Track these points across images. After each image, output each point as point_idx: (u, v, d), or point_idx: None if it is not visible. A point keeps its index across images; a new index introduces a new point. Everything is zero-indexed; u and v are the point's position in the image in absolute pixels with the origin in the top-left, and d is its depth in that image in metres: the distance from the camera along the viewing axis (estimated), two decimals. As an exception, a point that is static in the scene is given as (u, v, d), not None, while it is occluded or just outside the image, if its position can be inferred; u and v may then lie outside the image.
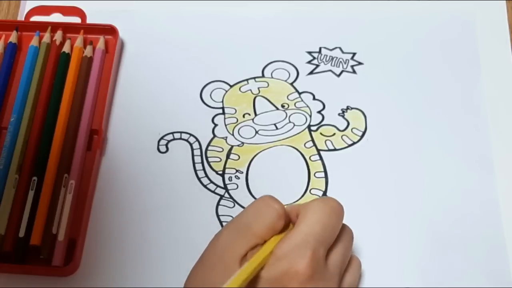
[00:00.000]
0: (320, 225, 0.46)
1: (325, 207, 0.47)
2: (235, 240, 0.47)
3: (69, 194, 0.58)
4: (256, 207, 0.48)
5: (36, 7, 0.68)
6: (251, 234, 0.46)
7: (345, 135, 0.62)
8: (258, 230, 0.46)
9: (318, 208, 0.47)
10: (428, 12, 0.67)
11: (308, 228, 0.46)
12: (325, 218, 0.47)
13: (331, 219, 0.47)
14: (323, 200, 0.48)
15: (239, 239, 0.46)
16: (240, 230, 0.47)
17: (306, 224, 0.46)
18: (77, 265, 0.57)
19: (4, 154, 0.59)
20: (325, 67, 0.65)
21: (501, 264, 0.56)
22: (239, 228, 0.47)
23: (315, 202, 0.48)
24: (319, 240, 0.46)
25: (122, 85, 0.65)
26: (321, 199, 0.48)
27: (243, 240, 0.46)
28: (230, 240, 0.47)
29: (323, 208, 0.47)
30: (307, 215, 0.47)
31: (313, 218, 0.46)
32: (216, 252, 0.47)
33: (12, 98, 0.63)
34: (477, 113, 0.62)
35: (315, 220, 0.46)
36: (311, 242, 0.45)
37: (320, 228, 0.46)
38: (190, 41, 0.66)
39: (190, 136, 0.62)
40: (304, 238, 0.45)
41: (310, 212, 0.47)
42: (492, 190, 0.59)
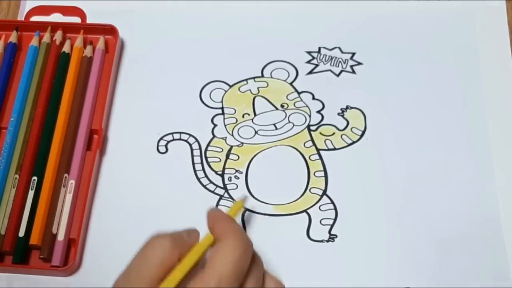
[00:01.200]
0: (233, 264, 0.44)
1: (238, 248, 0.45)
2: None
3: (69, 194, 0.59)
4: (142, 251, 0.45)
5: (36, 7, 0.68)
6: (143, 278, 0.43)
7: (344, 135, 0.62)
8: (150, 273, 0.43)
9: (230, 249, 0.45)
10: (427, 12, 0.67)
11: (221, 268, 0.44)
12: (236, 257, 0.45)
13: (243, 257, 0.45)
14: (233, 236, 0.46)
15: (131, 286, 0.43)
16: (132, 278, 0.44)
17: (219, 264, 0.44)
18: (77, 265, 0.57)
19: (4, 154, 0.59)
20: (324, 67, 0.65)
21: (501, 264, 0.56)
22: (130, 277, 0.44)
23: (228, 241, 0.45)
24: (233, 279, 0.44)
25: (122, 85, 0.65)
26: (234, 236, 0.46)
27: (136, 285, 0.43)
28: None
29: (235, 250, 0.45)
30: (220, 255, 0.45)
31: (226, 263, 0.44)
32: None
33: (12, 98, 0.63)
34: (477, 113, 0.62)
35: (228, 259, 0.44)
36: (223, 284, 0.44)
37: (233, 266, 0.44)
38: (189, 41, 0.66)
39: (190, 136, 0.62)
40: (218, 281, 0.43)
41: (224, 252, 0.45)
42: (492, 190, 0.59)
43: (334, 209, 0.59)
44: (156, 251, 0.44)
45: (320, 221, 0.58)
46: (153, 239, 0.45)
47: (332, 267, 0.56)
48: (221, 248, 0.45)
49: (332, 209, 0.59)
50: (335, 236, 0.58)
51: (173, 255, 0.44)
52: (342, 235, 0.58)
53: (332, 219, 0.58)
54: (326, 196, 0.59)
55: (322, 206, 0.59)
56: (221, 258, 0.44)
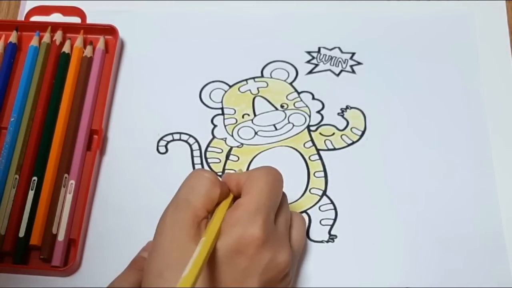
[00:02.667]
0: (268, 193, 0.49)
1: (269, 176, 0.50)
2: (179, 218, 0.48)
3: (69, 194, 0.59)
4: (188, 181, 0.50)
5: (36, 7, 0.68)
6: (192, 208, 0.48)
7: (344, 135, 0.62)
8: (197, 202, 0.48)
9: (264, 177, 0.49)
10: (427, 12, 0.67)
11: (258, 195, 0.48)
12: (270, 186, 0.49)
13: (275, 187, 0.50)
14: (266, 170, 0.50)
15: (183, 216, 0.48)
16: (180, 207, 0.48)
17: (255, 192, 0.48)
18: (77, 265, 0.57)
19: (4, 154, 0.59)
20: (324, 66, 0.65)
21: (501, 264, 0.56)
22: (178, 206, 0.48)
23: (259, 172, 0.50)
24: (269, 206, 0.48)
25: (122, 85, 0.65)
26: (263, 169, 0.50)
27: (187, 216, 0.48)
28: (175, 220, 0.48)
29: (267, 177, 0.49)
30: (254, 183, 0.49)
31: (261, 186, 0.49)
32: (167, 236, 0.47)
33: (12, 98, 0.63)
34: (477, 113, 0.62)
35: (264, 187, 0.49)
36: (261, 208, 0.47)
37: (268, 195, 0.49)
38: (189, 41, 0.66)
39: (190, 137, 0.62)
40: (255, 205, 0.47)
41: (256, 181, 0.49)
42: (492, 190, 0.59)
43: (334, 209, 0.59)
44: (202, 183, 0.49)
45: (320, 222, 0.58)
46: (198, 173, 0.50)
47: (332, 268, 0.56)
48: (255, 177, 0.49)
49: (332, 210, 0.59)
50: (335, 237, 0.58)
51: (215, 188, 0.49)
52: (342, 236, 0.58)
53: (332, 220, 0.58)
54: (326, 196, 0.59)
55: (322, 207, 0.59)
56: (257, 185, 0.49)
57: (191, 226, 0.47)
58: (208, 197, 0.49)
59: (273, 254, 0.47)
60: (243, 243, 0.46)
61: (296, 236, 0.52)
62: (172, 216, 0.48)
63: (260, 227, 0.47)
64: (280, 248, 0.48)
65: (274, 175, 0.50)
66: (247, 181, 0.50)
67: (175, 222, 0.48)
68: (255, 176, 0.50)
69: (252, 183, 0.49)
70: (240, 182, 0.50)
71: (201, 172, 0.50)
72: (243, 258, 0.46)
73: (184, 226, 0.47)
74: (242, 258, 0.46)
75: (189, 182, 0.50)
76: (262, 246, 0.47)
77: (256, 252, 0.46)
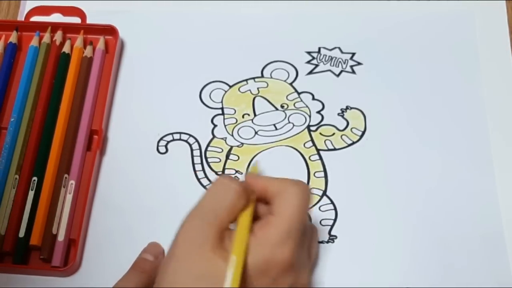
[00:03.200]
0: (300, 214, 0.48)
1: (303, 194, 0.48)
2: (204, 230, 0.47)
3: (69, 194, 0.59)
4: (215, 191, 0.49)
5: (36, 7, 0.68)
6: (219, 221, 0.47)
7: (344, 135, 0.62)
8: (223, 215, 0.47)
9: (297, 197, 0.48)
10: (427, 12, 0.67)
11: (290, 218, 0.47)
12: (303, 205, 0.48)
13: (306, 206, 0.49)
14: (299, 188, 0.49)
15: (208, 229, 0.47)
16: (206, 219, 0.47)
17: (288, 214, 0.47)
18: (77, 265, 0.57)
19: (4, 154, 0.59)
20: (324, 67, 0.65)
21: (501, 264, 0.56)
22: (204, 217, 0.47)
23: (293, 190, 0.48)
24: (299, 229, 0.48)
25: (122, 85, 0.65)
26: (296, 187, 0.49)
27: (212, 229, 0.47)
28: (199, 230, 0.47)
29: (301, 198, 0.48)
30: (288, 203, 0.48)
31: (294, 208, 0.48)
32: (189, 244, 0.47)
33: (12, 98, 0.63)
34: (477, 113, 0.62)
35: (297, 208, 0.48)
36: (293, 232, 0.47)
37: (300, 216, 0.48)
38: (189, 41, 0.66)
39: (190, 137, 0.62)
40: (287, 228, 0.47)
41: (290, 201, 0.48)
42: (492, 190, 0.59)
43: (334, 209, 0.59)
44: (230, 195, 0.48)
45: (320, 222, 0.58)
46: (225, 183, 0.48)
47: (332, 268, 0.56)
48: (288, 195, 0.48)
49: (332, 210, 0.59)
50: (335, 237, 0.58)
51: (242, 200, 0.48)
52: (342, 236, 0.58)
53: (332, 220, 0.58)
54: (326, 196, 0.59)
55: (322, 207, 0.59)
56: (290, 206, 0.47)
57: (215, 238, 0.46)
58: (234, 210, 0.48)
59: (295, 277, 0.47)
60: (271, 265, 0.46)
61: (313, 250, 0.52)
62: (196, 226, 0.47)
63: (289, 252, 0.46)
64: (303, 270, 0.48)
65: (307, 195, 0.49)
66: (279, 198, 0.48)
67: (199, 233, 0.47)
68: (288, 194, 0.48)
69: (286, 202, 0.48)
70: (269, 191, 0.49)
71: (228, 182, 0.48)
72: (267, 279, 0.46)
73: (208, 238, 0.46)
74: (266, 279, 0.46)
75: (216, 192, 0.48)
76: (287, 269, 0.46)
77: (280, 275, 0.46)
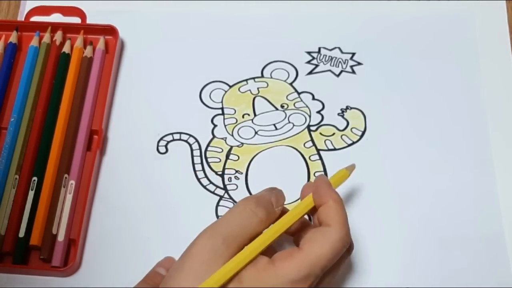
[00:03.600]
0: (326, 262, 0.46)
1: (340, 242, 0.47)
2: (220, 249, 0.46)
3: (69, 194, 0.59)
4: (239, 216, 0.48)
5: (36, 7, 0.68)
6: (236, 245, 0.47)
7: (344, 135, 0.62)
8: (241, 241, 0.47)
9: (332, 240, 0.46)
10: (427, 12, 0.67)
11: (316, 261, 0.46)
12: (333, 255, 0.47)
13: (337, 256, 0.47)
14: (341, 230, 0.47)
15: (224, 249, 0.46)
16: (224, 239, 0.46)
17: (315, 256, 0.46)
18: (77, 265, 0.57)
19: (4, 154, 0.59)
20: (324, 67, 0.65)
21: (501, 264, 0.56)
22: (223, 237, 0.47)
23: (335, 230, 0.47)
24: (318, 276, 0.47)
25: (122, 85, 0.65)
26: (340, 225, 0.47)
27: (228, 250, 0.46)
28: (215, 249, 0.46)
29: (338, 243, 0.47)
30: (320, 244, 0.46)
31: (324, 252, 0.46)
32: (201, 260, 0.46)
33: (12, 98, 0.63)
34: (477, 113, 0.62)
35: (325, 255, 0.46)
36: (311, 278, 0.46)
37: (325, 264, 0.46)
38: (189, 42, 0.66)
39: (190, 137, 0.62)
40: (308, 272, 0.46)
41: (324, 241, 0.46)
42: (493, 191, 0.59)
43: (334, 209, 0.59)
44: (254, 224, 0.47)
45: (320, 222, 0.58)
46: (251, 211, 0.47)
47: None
48: (327, 235, 0.46)
49: (332, 210, 0.59)
50: (335, 237, 0.58)
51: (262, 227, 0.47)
52: (342, 236, 0.58)
53: (332, 220, 0.58)
54: (326, 196, 0.59)
55: (322, 207, 0.59)
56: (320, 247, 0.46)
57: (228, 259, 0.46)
58: (254, 236, 0.47)
59: None
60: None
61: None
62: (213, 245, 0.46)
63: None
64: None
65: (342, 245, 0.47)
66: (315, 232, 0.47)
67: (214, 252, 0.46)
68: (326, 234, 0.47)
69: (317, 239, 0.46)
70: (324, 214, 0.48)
71: (255, 210, 0.48)
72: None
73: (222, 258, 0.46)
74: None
75: (241, 217, 0.48)
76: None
77: None
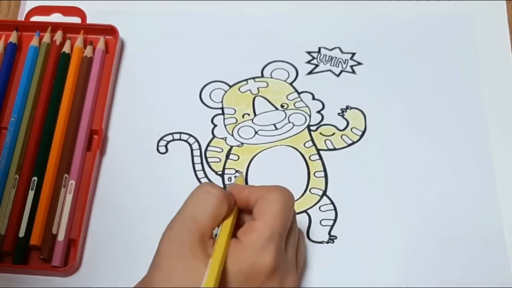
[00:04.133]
0: (282, 219, 0.48)
1: (283, 198, 0.49)
2: (186, 237, 0.47)
3: (69, 194, 0.59)
4: (195, 198, 0.49)
5: (36, 7, 0.68)
6: (199, 228, 0.47)
7: (344, 135, 0.62)
8: (203, 222, 0.48)
9: (278, 201, 0.49)
10: (427, 12, 0.67)
11: (272, 222, 0.48)
12: (285, 211, 0.49)
13: (289, 212, 0.49)
14: (281, 193, 0.49)
15: (189, 236, 0.47)
16: (186, 226, 0.47)
17: (269, 218, 0.48)
18: (77, 265, 0.57)
19: (4, 154, 0.59)
20: (324, 67, 0.65)
21: (501, 265, 0.56)
22: (185, 224, 0.48)
23: (274, 195, 0.49)
24: (282, 234, 0.48)
25: (122, 85, 0.65)
26: (277, 190, 0.49)
27: (193, 236, 0.47)
28: (181, 238, 0.47)
29: (282, 202, 0.49)
30: (268, 208, 0.48)
31: (276, 211, 0.48)
32: (172, 254, 0.47)
33: (12, 98, 0.63)
34: (477, 113, 0.62)
35: (278, 212, 0.48)
36: (275, 236, 0.47)
37: (283, 222, 0.48)
38: (189, 41, 0.66)
39: (190, 136, 0.62)
40: (269, 232, 0.47)
41: (271, 205, 0.48)
42: (493, 191, 0.59)
43: (334, 209, 0.59)
44: (210, 201, 0.48)
45: (320, 222, 0.58)
46: (205, 189, 0.49)
47: (332, 268, 0.56)
48: (269, 201, 0.48)
49: (332, 210, 0.59)
50: (334, 237, 0.58)
51: (223, 206, 0.48)
52: (342, 236, 0.58)
53: (332, 220, 0.58)
54: (326, 196, 0.59)
55: (322, 207, 0.59)
56: (271, 209, 0.48)
57: (198, 245, 0.47)
58: (215, 216, 0.48)
59: (281, 281, 0.48)
60: (255, 271, 0.46)
61: (300, 254, 0.52)
62: (177, 234, 0.47)
63: (272, 256, 0.47)
64: (288, 275, 0.48)
65: (288, 198, 0.49)
66: (261, 203, 0.49)
67: (181, 241, 0.47)
68: (269, 200, 0.49)
69: (266, 207, 0.48)
70: (250, 198, 0.49)
71: (208, 188, 0.49)
72: (252, 285, 0.46)
73: (190, 245, 0.47)
74: (251, 285, 0.46)
75: (196, 199, 0.49)
76: (272, 275, 0.47)
77: (265, 281, 0.47)
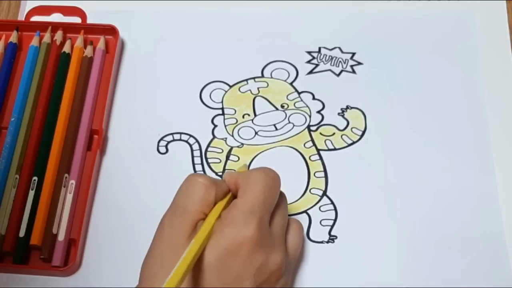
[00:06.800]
0: (263, 194, 0.49)
1: (266, 177, 0.50)
2: (177, 224, 0.48)
3: (69, 194, 0.59)
4: (183, 187, 0.50)
5: (36, 7, 0.68)
6: (188, 214, 0.48)
7: (345, 135, 0.62)
8: (192, 208, 0.49)
9: (260, 178, 0.50)
10: (427, 12, 0.67)
11: (253, 197, 0.49)
12: (266, 187, 0.49)
13: (271, 188, 0.50)
14: (263, 171, 0.51)
15: (179, 222, 0.48)
16: (178, 214, 0.49)
17: (251, 193, 0.49)
18: (77, 265, 0.57)
19: (4, 154, 0.59)
20: (324, 66, 0.65)
21: (501, 265, 0.56)
22: (176, 212, 0.49)
23: (257, 173, 0.50)
24: (263, 210, 0.49)
25: (122, 85, 0.65)
26: (261, 170, 0.51)
27: (183, 222, 0.48)
28: (173, 226, 0.48)
29: (264, 179, 0.50)
30: (250, 184, 0.49)
31: (257, 188, 0.49)
32: (164, 241, 0.48)
33: (12, 98, 0.63)
34: (477, 113, 0.62)
35: (259, 189, 0.49)
36: (256, 210, 0.48)
37: (264, 196, 0.49)
38: (189, 41, 0.66)
39: (190, 137, 0.62)
40: (250, 206, 0.48)
41: (252, 182, 0.49)
42: (493, 190, 0.59)
43: (334, 209, 0.59)
44: (197, 188, 0.49)
45: (320, 222, 0.58)
46: (191, 179, 0.50)
47: (332, 268, 0.56)
48: (251, 178, 0.50)
49: (332, 210, 0.59)
50: (335, 237, 0.58)
51: (210, 191, 0.49)
52: (342, 236, 0.58)
53: (332, 220, 0.58)
54: (326, 196, 0.59)
55: (322, 207, 0.59)
56: (253, 187, 0.49)
57: (187, 230, 0.48)
58: (203, 201, 0.49)
59: (266, 256, 0.48)
60: (236, 244, 0.47)
61: (292, 241, 0.52)
62: (169, 222, 0.49)
63: (254, 228, 0.47)
64: (273, 250, 0.48)
65: (271, 176, 0.51)
66: (243, 182, 0.50)
67: (173, 228, 0.48)
68: (252, 177, 0.50)
69: (248, 184, 0.49)
70: (238, 181, 0.50)
71: (195, 177, 0.50)
72: (236, 260, 0.47)
73: (181, 230, 0.48)
74: (235, 261, 0.47)
75: (184, 188, 0.50)
76: (255, 248, 0.47)
77: (249, 254, 0.47)
